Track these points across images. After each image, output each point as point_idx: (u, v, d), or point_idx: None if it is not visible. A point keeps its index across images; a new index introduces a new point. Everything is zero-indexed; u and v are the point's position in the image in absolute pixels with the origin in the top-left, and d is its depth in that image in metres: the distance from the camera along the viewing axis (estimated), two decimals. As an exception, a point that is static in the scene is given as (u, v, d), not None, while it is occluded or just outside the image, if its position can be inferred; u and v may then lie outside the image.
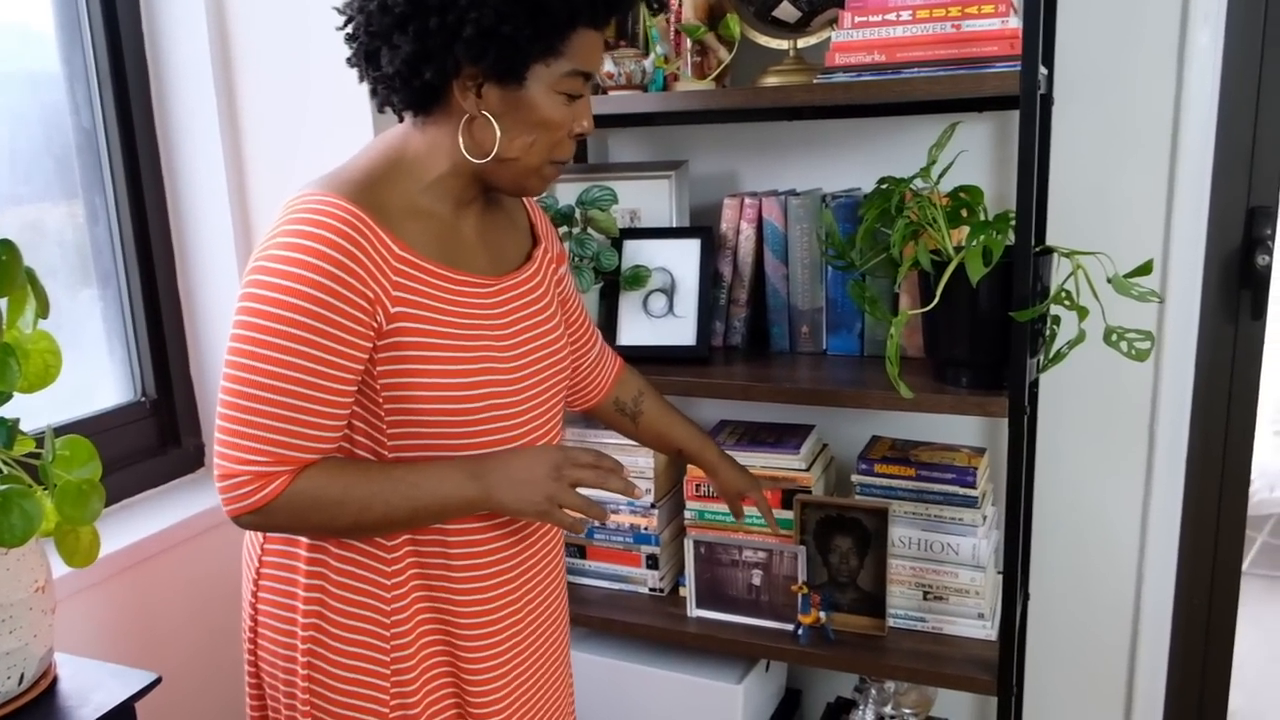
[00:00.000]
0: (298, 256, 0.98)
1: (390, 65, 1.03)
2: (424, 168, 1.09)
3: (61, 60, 1.68)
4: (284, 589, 1.12)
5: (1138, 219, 1.71)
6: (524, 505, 1.08)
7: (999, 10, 1.44)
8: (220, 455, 1.01)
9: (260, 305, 0.99)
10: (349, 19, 1.07)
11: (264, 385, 0.98)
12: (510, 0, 0.98)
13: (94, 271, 1.76)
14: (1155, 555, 1.82)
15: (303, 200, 1.02)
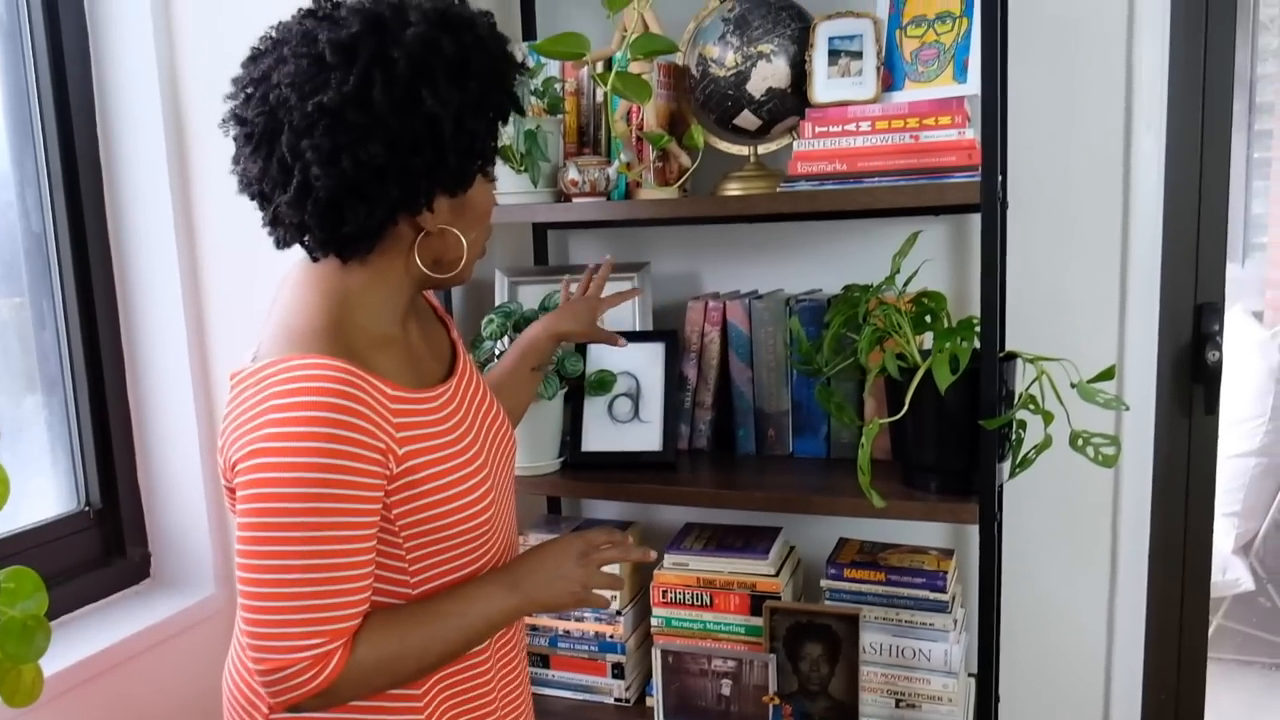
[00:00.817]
0: (304, 430, 0.94)
1: (367, 217, 1.01)
2: (370, 298, 1.07)
3: (12, 162, 1.65)
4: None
5: (1093, 320, 1.74)
6: (562, 598, 1.13)
7: (955, 121, 1.48)
8: (265, 650, 0.95)
9: (275, 489, 0.94)
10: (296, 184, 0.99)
11: (299, 568, 0.94)
12: (475, 115, 1.01)
13: (40, 378, 1.70)
14: (1122, 647, 1.82)
15: (281, 370, 0.98)
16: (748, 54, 1.60)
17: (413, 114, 0.98)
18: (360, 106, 0.96)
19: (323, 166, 0.97)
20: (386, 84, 0.97)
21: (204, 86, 1.69)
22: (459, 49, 0.99)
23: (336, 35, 0.98)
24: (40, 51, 1.64)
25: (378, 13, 1.00)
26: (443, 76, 0.98)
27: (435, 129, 0.98)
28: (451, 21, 1.01)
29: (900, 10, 1.59)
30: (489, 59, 1.03)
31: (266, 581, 0.95)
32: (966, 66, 1.53)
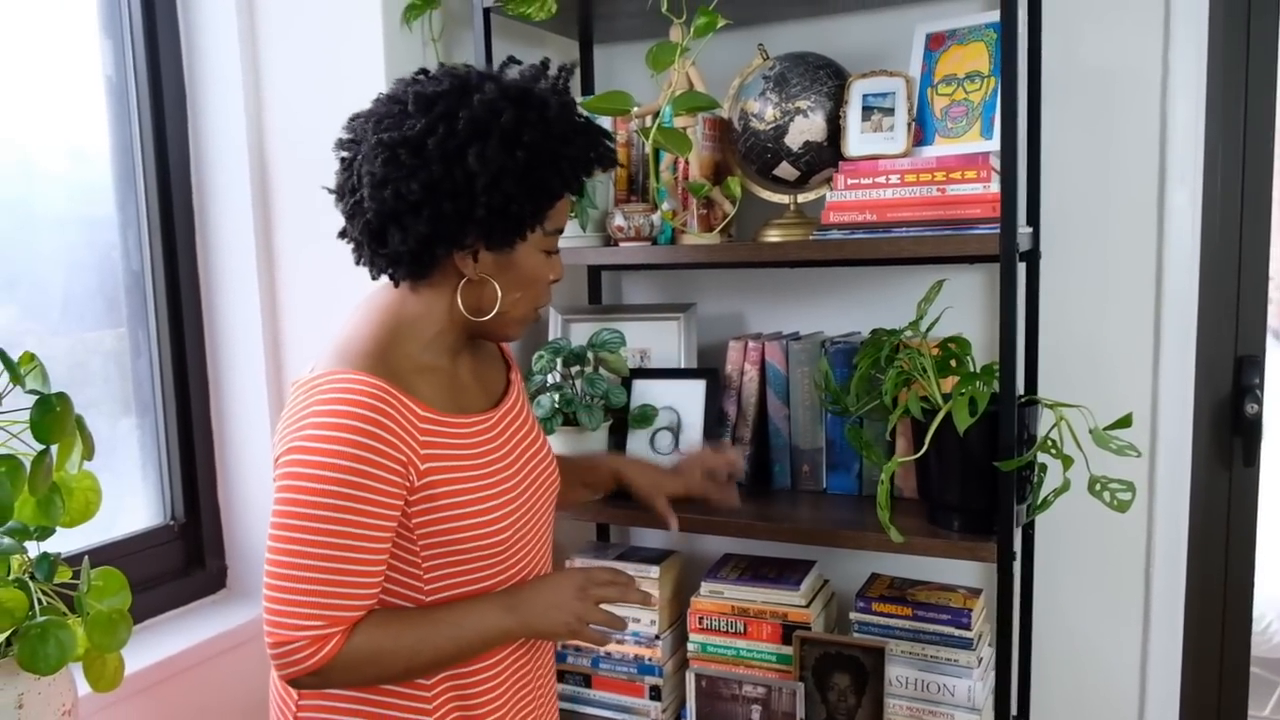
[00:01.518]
0: (334, 434, 1.06)
1: (401, 244, 1.14)
2: (422, 328, 1.20)
3: (117, 206, 1.82)
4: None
5: (1126, 368, 1.78)
6: (556, 628, 1.20)
7: (981, 176, 1.54)
8: (274, 624, 1.07)
9: (304, 482, 1.06)
10: (352, 201, 1.17)
11: (313, 555, 1.06)
12: (515, 183, 1.11)
13: (134, 402, 1.87)
14: (1156, 701, 1.83)
15: (325, 380, 1.11)
16: (786, 109, 1.69)
17: (455, 166, 1.10)
18: (413, 149, 1.10)
19: (371, 191, 1.12)
20: (444, 136, 1.10)
21: (285, 142, 1.85)
22: (518, 122, 1.11)
23: (424, 89, 1.13)
24: (144, 108, 1.82)
25: (466, 78, 1.15)
26: (494, 141, 1.10)
27: (470, 184, 1.10)
28: (522, 97, 1.13)
29: (932, 69, 1.67)
30: (547, 137, 1.12)
31: (284, 564, 1.06)
32: (994, 123, 1.60)
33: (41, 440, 1.04)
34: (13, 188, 1.65)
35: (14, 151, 1.64)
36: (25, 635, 1.03)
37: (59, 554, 1.13)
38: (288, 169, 1.85)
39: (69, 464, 1.12)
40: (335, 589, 1.07)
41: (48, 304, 1.71)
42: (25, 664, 1.03)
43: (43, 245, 1.70)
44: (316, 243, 1.85)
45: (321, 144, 1.79)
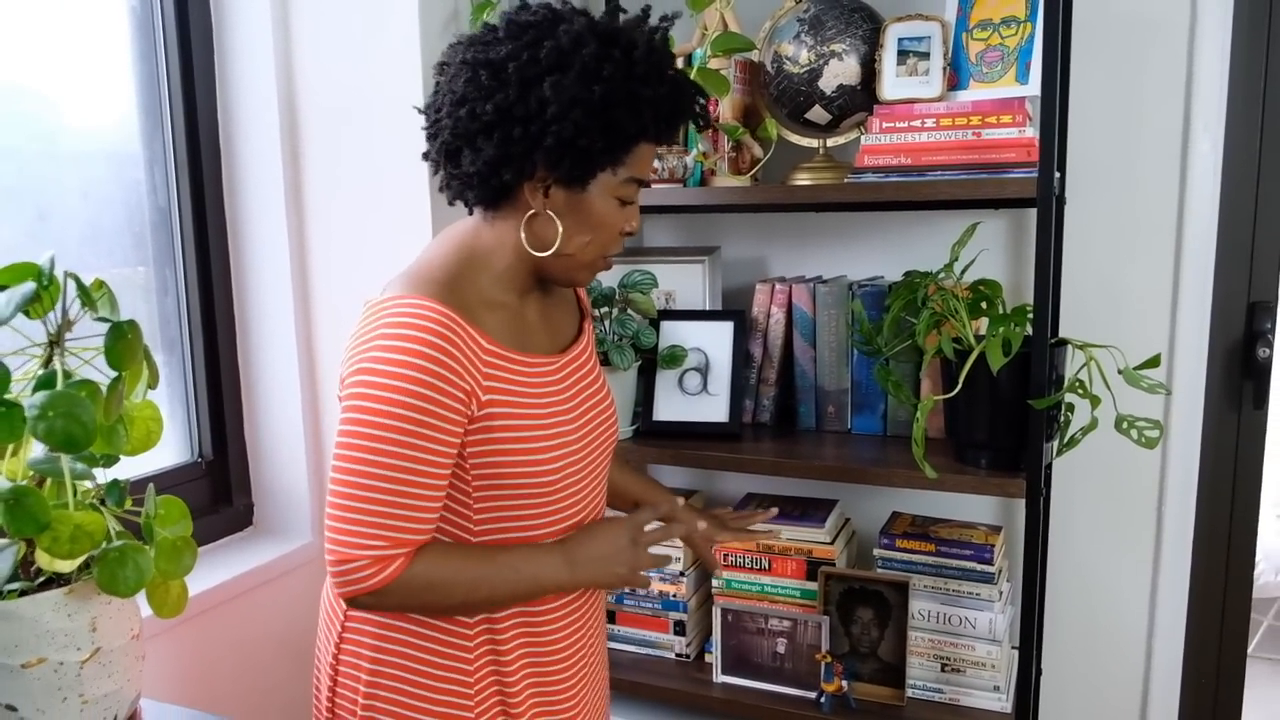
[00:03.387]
0: (401, 358, 1.07)
1: (471, 165, 1.15)
2: (493, 260, 1.20)
3: (143, 143, 1.81)
4: (368, 655, 1.20)
5: (1145, 312, 1.82)
6: (612, 579, 1.22)
7: (1016, 120, 1.57)
8: (336, 543, 1.09)
9: (370, 404, 1.08)
10: (433, 120, 1.19)
11: (378, 476, 1.07)
12: (587, 116, 1.10)
13: (160, 340, 1.86)
14: (1163, 634, 1.89)
15: (395, 303, 1.12)
16: (820, 52, 1.70)
17: (530, 92, 1.10)
18: (494, 72, 1.11)
19: (450, 109, 1.13)
20: (526, 63, 1.10)
21: (313, 76, 1.83)
22: (599, 57, 1.10)
23: (518, 17, 1.14)
24: (170, 41, 1.79)
25: (561, 12, 1.15)
26: (573, 72, 1.09)
27: (542, 110, 1.10)
28: (610, 35, 1.13)
29: (968, 14, 1.69)
30: (627, 77, 1.11)
31: (349, 484, 1.08)
32: (1029, 68, 1.61)
33: (115, 366, 1.05)
34: (39, 123, 1.63)
35: (39, 85, 1.62)
36: (104, 559, 1.04)
37: (128, 481, 1.14)
38: (315, 103, 1.83)
39: (135, 393, 1.13)
40: (399, 510, 1.09)
41: (76, 240, 1.70)
42: (105, 586, 1.04)
43: (70, 181, 1.68)
44: (344, 178, 1.84)
45: (349, 78, 1.80)
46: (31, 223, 1.62)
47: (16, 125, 1.59)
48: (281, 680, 1.89)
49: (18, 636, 1.05)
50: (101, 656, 1.10)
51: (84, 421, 0.96)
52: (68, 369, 1.05)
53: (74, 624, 1.08)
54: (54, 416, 0.95)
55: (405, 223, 1.80)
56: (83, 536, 1.02)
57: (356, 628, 1.22)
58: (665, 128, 1.17)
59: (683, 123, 1.21)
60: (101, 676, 1.11)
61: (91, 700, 1.10)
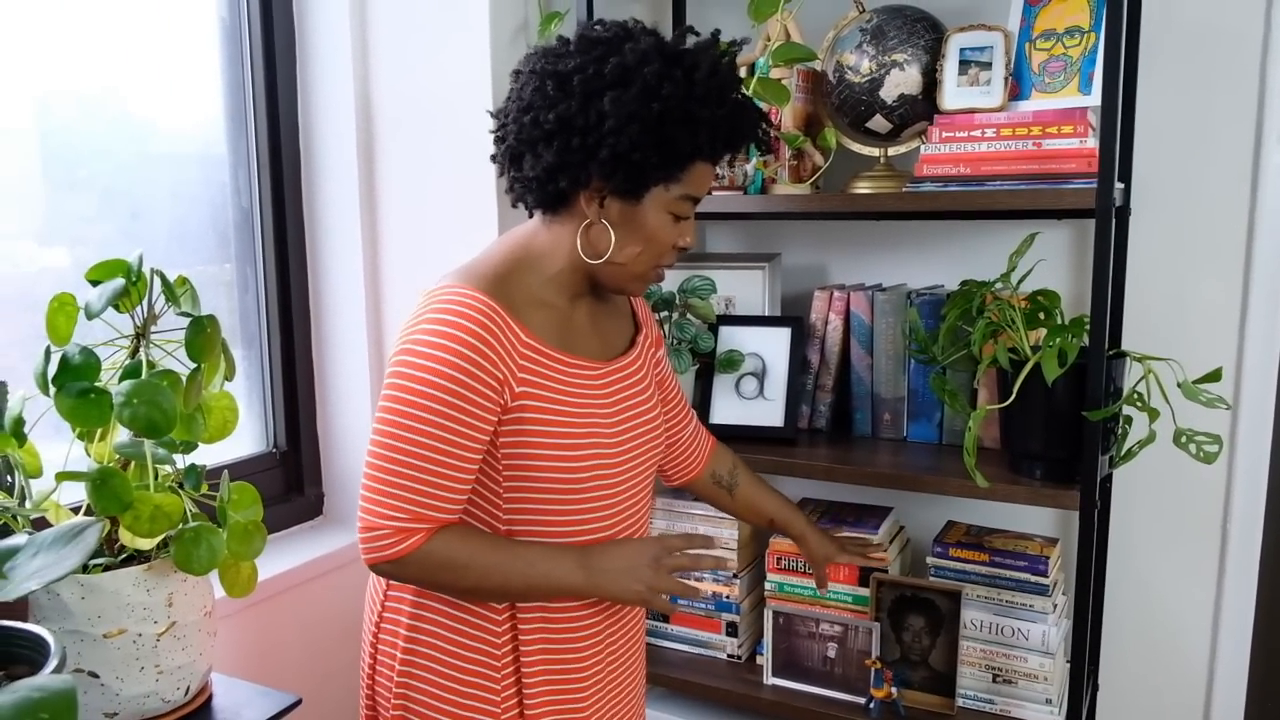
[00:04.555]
0: (441, 341, 1.13)
1: (531, 170, 1.20)
2: (546, 263, 1.25)
3: (228, 146, 1.90)
4: (404, 634, 1.25)
5: (1213, 325, 1.79)
6: (625, 594, 1.22)
7: (1078, 131, 1.56)
8: (365, 510, 1.14)
9: (407, 382, 1.14)
10: (501, 125, 1.25)
11: (408, 452, 1.13)
12: (643, 132, 1.14)
13: (240, 334, 1.96)
14: (1227, 654, 1.86)
15: (444, 291, 1.18)
16: (882, 62, 1.71)
17: (591, 104, 1.14)
18: (560, 83, 1.16)
19: (516, 115, 1.20)
20: (590, 76, 1.15)
21: (389, 84, 1.91)
22: (661, 76, 1.14)
23: (590, 32, 1.19)
24: (256, 50, 1.89)
25: (629, 28, 1.20)
26: (634, 89, 1.14)
27: (600, 123, 1.14)
28: (674, 55, 1.17)
29: (1031, 24, 1.68)
30: (687, 97, 1.15)
31: (382, 456, 1.13)
32: (1092, 79, 1.61)
33: (194, 359, 1.12)
34: (134, 126, 1.73)
35: (135, 91, 1.72)
36: (181, 538, 1.12)
37: (204, 466, 1.22)
38: (390, 109, 1.91)
39: (213, 384, 1.20)
40: (425, 487, 1.14)
41: (165, 238, 1.79)
42: (181, 564, 1.11)
43: (161, 181, 1.78)
44: (415, 181, 1.91)
45: (422, 85, 1.87)
46: (126, 221, 1.72)
47: (114, 128, 1.69)
48: (344, 665, 1.97)
49: (100, 608, 1.12)
50: (176, 630, 1.18)
51: (165, 409, 1.03)
52: (152, 360, 1.13)
53: (152, 599, 1.15)
54: (138, 404, 1.02)
55: (472, 223, 1.86)
56: (161, 517, 1.09)
57: (395, 606, 1.27)
58: (722, 149, 1.21)
59: (741, 146, 1.25)
60: (176, 649, 1.18)
61: (166, 670, 1.18)
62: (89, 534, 1.04)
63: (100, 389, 1.06)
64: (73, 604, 1.12)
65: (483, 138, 1.81)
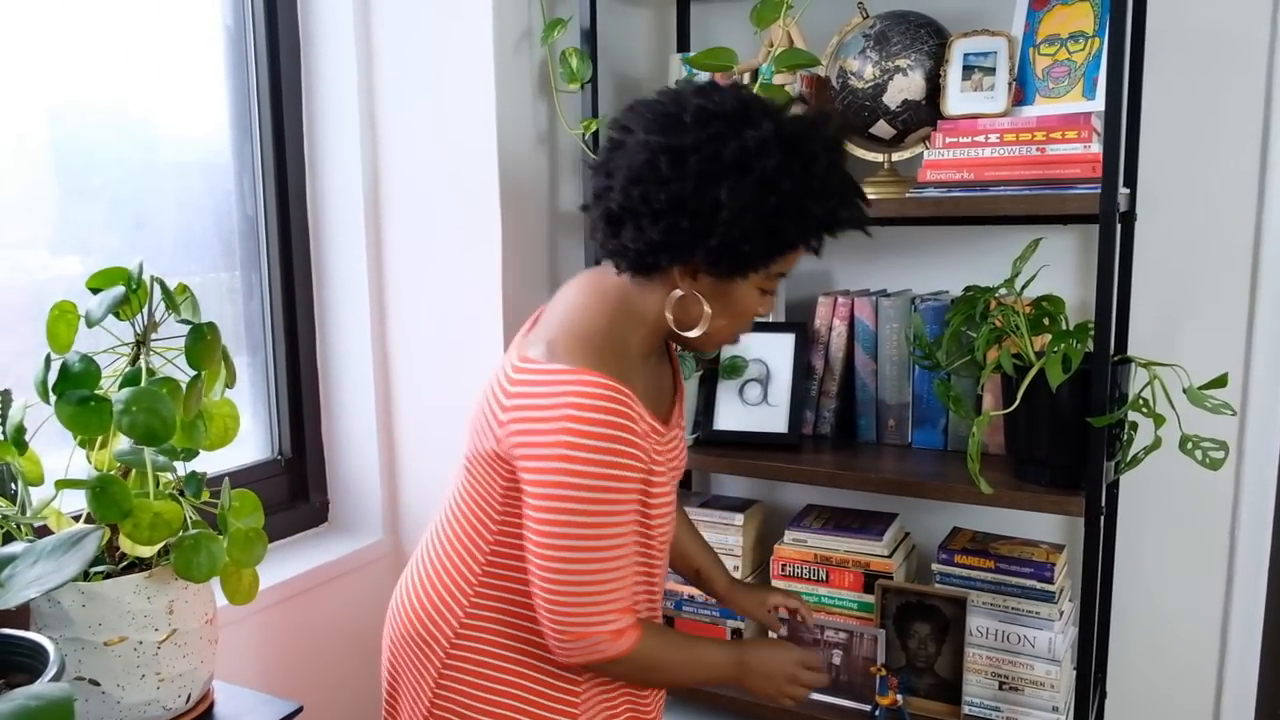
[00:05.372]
0: (597, 445, 1.11)
1: (632, 242, 1.17)
2: (637, 324, 1.24)
3: (233, 154, 1.91)
4: (480, 682, 1.24)
5: (1218, 332, 1.78)
6: (760, 693, 1.34)
7: (1082, 136, 1.55)
8: (571, 623, 1.15)
9: (572, 491, 1.12)
10: (604, 185, 1.20)
11: (591, 560, 1.14)
12: (756, 224, 1.13)
13: (245, 341, 1.96)
14: (1235, 661, 1.84)
15: (575, 381, 1.13)
16: (885, 68, 1.71)
17: (706, 189, 1.12)
18: (674, 160, 1.13)
19: (624, 184, 1.16)
20: (707, 158, 1.12)
21: (393, 94, 1.92)
22: (780, 169, 1.13)
23: (705, 103, 1.15)
24: (261, 58, 1.89)
25: (748, 107, 1.15)
26: (752, 179, 1.12)
27: (714, 211, 1.13)
28: (793, 144, 1.14)
29: (1035, 29, 1.68)
30: (803, 191, 1.14)
31: (568, 571, 1.13)
32: (1096, 84, 1.60)
33: (194, 366, 1.12)
34: (140, 135, 1.74)
35: (140, 98, 1.73)
36: (180, 545, 1.12)
37: (205, 473, 1.22)
38: (395, 118, 1.91)
39: (213, 391, 1.21)
40: (616, 584, 1.16)
41: (170, 246, 1.80)
42: (181, 571, 1.12)
43: (166, 190, 1.78)
44: (419, 190, 1.92)
45: (428, 94, 1.87)
46: (131, 230, 1.73)
47: (121, 136, 1.70)
48: (349, 672, 1.97)
49: (101, 616, 1.13)
50: (178, 638, 1.18)
51: (164, 416, 1.03)
52: (152, 367, 1.13)
53: (153, 606, 1.15)
54: (137, 411, 1.02)
55: (477, 229, 1.86)
56: (161, 524, 1.10)
57: (460, 659, 1.25)
58: (825, 237, 1.21)
59: (837, 232, 1.23)
60: (177, 657, 1.18)
61: (168, 678, 1.18)
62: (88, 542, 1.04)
63: (100, 397, 1.06)
64: (73, 612, 1.12)
65: (486, 144, 1.82)
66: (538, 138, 1.93)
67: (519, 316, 1.90)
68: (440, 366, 1.95)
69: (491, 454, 1.20)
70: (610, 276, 1.25)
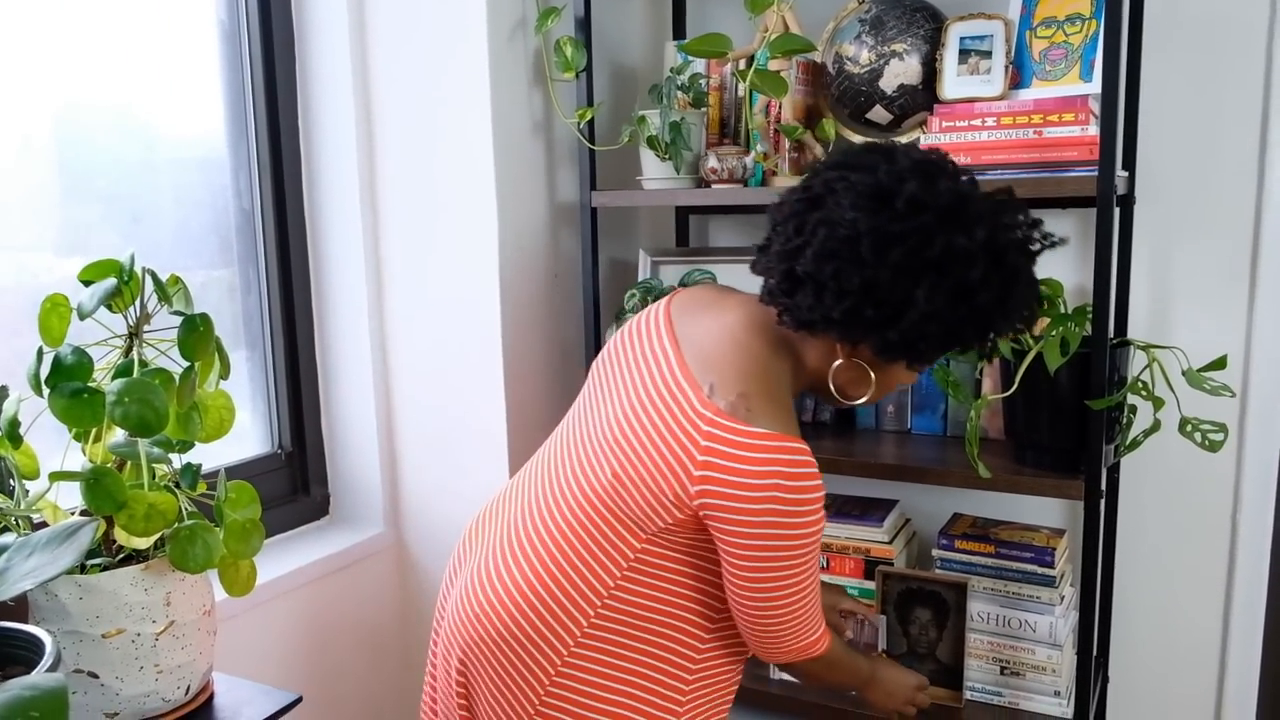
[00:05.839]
0: (803, 511, 1.15)
1: (808, 311, 1.18)
2: (804, 374, 1.28)
3: (229, 149, 1.91)
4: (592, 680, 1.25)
5: (1219, 315, 1.77)
6: (878, 704, 1.47)
7: (1079, 119, 1.54)
8: (787, 646, 1.26)
9: (788, 543, 1.17)
10: (788, 244, 1.19)
11: (800, 598, 1.22)
12: (940, 329, 1.14)
13: (244, 335, 1.96)
14: (1238, 644, 1.84)
15: (775, 449, 1.14)
16: (881, 53, 1.70)
17: (898, 286, 1.12)
18: (876, 247, 1.11)
19: (815, 254, 1.15)
20: (910, 251, 1.11)
21: (388, 86, 1.91)
22: (981, 282, 1.12)
23: (919, 193, 1.12)
24: (255, 53, 1.89)
25: (962, 204, 1.14)
26: (950, 284, 1.12)
27: (903, 308, 1.13)
28: (999, 256, 1.14)
29: (1031, 12, 1.67)
30: (997, 304, 1.15)
31: (775, 617, 1.23)
32: (1094, 66, 1.59)
33: (187, 357, 1.12)
34: (135, 131, 1.73)
35: (135, 95, 1.72)
36: (176, 537, 1.12)
37: (200, 465, 1.22)
38: (391, 109, 1.91)
39: (207, 382, 1.21)
40: (813, 607, 1.26)
41: (167, 241, 1.80)
42: (177, 562, 1.12)
43: (163, 186, 1.78)
44: (416, 183, 1.91)
45: (423, 85, 1.86)
46: (129, 227, 1.73)
47: (118, 134, 1.70)
48: (350, 664, 1.97)
49: (98, 608, 1.13)
50: (175, 629, 1.18)
51: (156, 407, 1.03)
52: (145, 359, 1.13)
53: (150, 598, 1.15)
54: (129, 402, 1.02)
55: (472, 225, 1.86)
56: (156, 515, 1.10)
57: (571, 673, 1.25)
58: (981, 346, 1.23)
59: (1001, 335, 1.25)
60: (175, 648, 1.18)
61: (166, 670, 1.18)
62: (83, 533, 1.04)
63: (93, 389, 1.06)
64: (70, 604, 1.12)
65: (481, 138, 1.82)
66: (533, 127, 1.93)
67: (517, 306, 1.90)
68: (439, 358, 1.95)
69: (662, 489, 1.19)
70: (771, 317, 1.25)
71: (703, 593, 1.27)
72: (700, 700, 1.31)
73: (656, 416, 1.21)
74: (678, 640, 1.28)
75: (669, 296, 1.38)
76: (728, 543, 1.19)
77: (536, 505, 1.31)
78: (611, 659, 1.25)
